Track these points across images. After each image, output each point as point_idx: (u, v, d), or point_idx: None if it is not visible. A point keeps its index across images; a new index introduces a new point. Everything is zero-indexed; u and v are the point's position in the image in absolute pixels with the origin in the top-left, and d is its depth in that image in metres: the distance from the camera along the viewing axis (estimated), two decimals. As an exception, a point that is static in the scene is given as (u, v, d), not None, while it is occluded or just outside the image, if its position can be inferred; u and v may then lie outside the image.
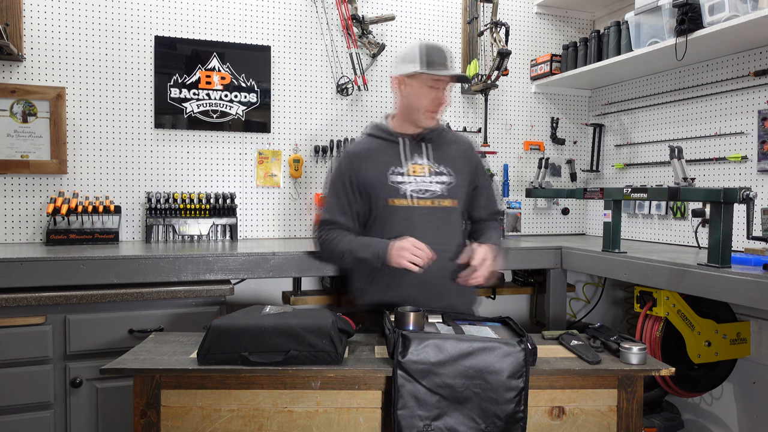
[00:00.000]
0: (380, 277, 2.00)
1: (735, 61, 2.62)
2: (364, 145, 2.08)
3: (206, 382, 1.52)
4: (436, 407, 1.47)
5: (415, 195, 1.98)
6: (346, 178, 2.03)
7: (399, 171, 2.00)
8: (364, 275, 2.05)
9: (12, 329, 2.01)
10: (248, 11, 2.94)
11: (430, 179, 2.00)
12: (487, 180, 2.15)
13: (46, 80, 2.63)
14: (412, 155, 2.02)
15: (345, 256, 1.97)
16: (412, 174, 2.00)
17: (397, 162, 2.00)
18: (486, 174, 2.16)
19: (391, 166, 2.00)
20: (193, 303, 2.23)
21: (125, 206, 2.76)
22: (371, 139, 2.09)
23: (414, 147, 2.03)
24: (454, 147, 2.09)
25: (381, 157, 2.02)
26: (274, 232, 3.02)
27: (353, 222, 2.05)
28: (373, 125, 2.13)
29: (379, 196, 1.99)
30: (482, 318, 1.87)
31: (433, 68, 1.93)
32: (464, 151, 2.11)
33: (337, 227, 2.04)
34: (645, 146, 3.15)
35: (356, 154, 2.05)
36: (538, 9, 3.45)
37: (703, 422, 2.76)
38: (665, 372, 1.57)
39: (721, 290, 1.93)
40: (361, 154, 2.04)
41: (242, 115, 2.92)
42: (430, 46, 1.98)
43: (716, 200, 1.99)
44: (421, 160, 2.02)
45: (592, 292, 3.45)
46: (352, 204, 2.04)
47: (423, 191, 1.99)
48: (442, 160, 2.04)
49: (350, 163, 2.04)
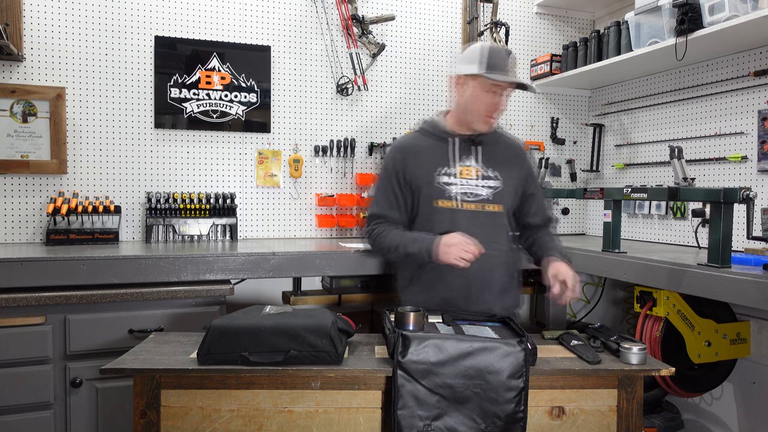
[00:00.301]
0: (423, 276, 1.97)
1: (735, 61, 2.62)
2: (414, 141, 2.03)
3: (206, 382, 1.52)
4: (436, 407, 1.47)
5: (462, 198, 1.93)
6: (395, 173, 1.98)
7: (447, 172, 1.95)
8: (408, 273, 2.02)
9: (12, 329, 2.01)
10: (248, 11, 2.94)
11: (478, 183, 1.95)
12: (537, 185, 2.07)
13: (46, 80, 2.63)
14: (461, 157, 1.96)
15: (393, 251, 1.93)
16: (461, 176, 1.94)
17: (445, 162, 1.95)
18: (536, 179, 2.08)
19: (440, 167, 1.95)
20: (193, 303, 2.23)
21: (125, 206, 2.76)
22: (422, 135, 2.02)
23: (464, 148, 1.97)
24: (506, 151, 2.02)
25: (430, 156, 1.97)
26: (274, 232, 3.01)
27: (402, 215, 2.01)
28: (426, 121, 2.07)
29: (425, 196, 1.95)
30: (483, 318, 1.87)
31: (494, 72, 1.85)
32: (517, 156, 2.03)
33: (386, 221, 2.00)
34: (645, 146, 3.15)
35: (405, 149, 2.00)
36: (538, 9, 3.45)
37: (703, 422, 2.76)
38: (665, 372, 1.57)
39: (721, 290, 1.93)
40: (410, 151, 1.99)
41: (242, 115, 2.92)
42: (493, 48, 1.89)
43: (716, 200, 1.99)
44: (471, 162, 1.96)
45: (592, 292, 3.45)
46: (400, 198, 2.00)
47: (470, 195, 1.94)
48: (491, 163, 1.97)
49: (399, 158, 2.00)
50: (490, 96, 1.88)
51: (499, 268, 1.98)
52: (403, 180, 1.98)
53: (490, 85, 1.86)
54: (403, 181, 1.98)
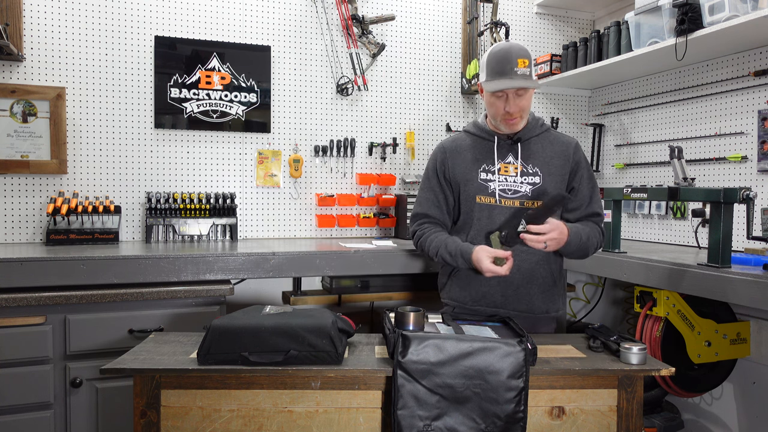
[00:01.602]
0: (461, 272, 2.01)
1: (735, 61, 2.62)
2: (458, 141, 2.08)
3: (206, 382, 1.52)
4: (436, 407, 1.47)
5: (501, 195, 1.96)
6: (440, 172, 2.04)
7: (489, 169, 1.98)
8: (447, 270, 2.07)
9: (12, 329, 2.01)
10: (248, 11, 2.94)
11: (519, 179, 1.96)
12: (587, 182, 2.03)
13: (46, 80, 2.63)
14: (504, 154, 1.99)
15: (438, 255, 1.98)
16: (502, 173, 1.97)
17: (488, 160, 1.99)
18: (589, 177, 2.04)
19: (483, 164, 1.99)
20: (193, 303, 2.23)
21: (125, 206, 2.76)
22: (466, 135, 2.08)
23: (507, 146, 2.00)
24: (552, 147, 2.01)
25: (473, 154, 2.01)
26: (274, 232, 3.01)
27: (444, 214, 2.05)
28: (471, 123, 2.11)
29: (465, 193, 1.99)
30: (483, 318, 1.87)
31: (495, 78, 1.87)
32: (563, 152, 2.01)
33: (430, 221, 2.05)
34: (645, 146, 3.15)
35: (450, 149, 2.06)
36: (538, 9, 3.45)
37: (703, 422, 2.76)
38: (665, 372, 1.57)
39: (721, 290, 1.93)
40: (454, 150, 2.04)
41: (242, 115, 2.92)
42: (496, 53, 1.90)
43: (716, 200, 1.99)
44: (512, 159, 1.98)
45: (592, 292, 3.45)
46: (441, 197, 2.04)
47: (511, 191, 1.96)
48: (534, 160, 1.98)
49: (443, 157, 2.05)
50: (500, 101, 1.90)
51: (539, 266, 1.98)
52: (444, 179, 2.04)
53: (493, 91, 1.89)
54: (444, 179, 2.04)
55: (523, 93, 1.90)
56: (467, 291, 2.00)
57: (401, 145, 3.19)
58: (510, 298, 1.96)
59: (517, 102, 1.89)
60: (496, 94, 1.89)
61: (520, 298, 1.96)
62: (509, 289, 1.96)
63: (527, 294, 1.97)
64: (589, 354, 1.68)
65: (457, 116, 3.31)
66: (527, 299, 1.97)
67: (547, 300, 2.00)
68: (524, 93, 1.90)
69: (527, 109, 1.94)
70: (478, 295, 1.98)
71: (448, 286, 2.07)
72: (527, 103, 1.93)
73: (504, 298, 1.96)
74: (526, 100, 1.91)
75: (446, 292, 2.08)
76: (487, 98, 1.94)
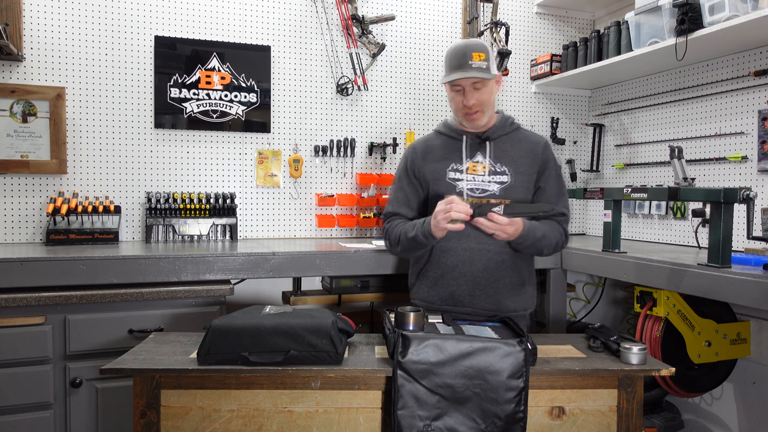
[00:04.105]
0: (429, 272, 2.01)
1: (735, 61, 2.62)
2: (429, 140, 2.10)
3: (206, 382, 1.52)
4: (436, 407, 1.47)
5: (469, 193, 1.97)
6: (410, 172, 2.06)
7: (458, 168, 1.99)
8: (416, 270, 2.08)
9: (12, 329, 2.01)
10: (248, 11, 2.94)
11: (488, 178, 1.98)
12: (554, 181, 2.04)
13: (46, 80, 2.63)
14: (473, 153, 2.00)
15: (400, 242, 1.98)
16: (471, 172, 1.99)
17: (457, 159, 2.00)
18: (557, 176, 2.05)
19: (452, 163, 2.00)
20: (193, 303, 2.23)
21: (125, 206, 2.76)
22: (437, 134, 2.10)
23: (476, 145, 2.01)
24: (521, 146, 2.02)
25: (441, 154, 2.03)
26: (274, 232, 3.01)
27: (415, 213, 2.07)
28: (442, 122, 2.13)
29: (434, 192, 2.00)
30: (482, 318, 1.87)
31: (451, 73, 1.92)
32: (531, 150, 2.02)
33: (399, 218, 2.06)
34: (645, 146, 3.15)
35: (420, 148, 2.08)
36: (538, 9, 3.45)
37: (703, 422, 2.76)
38: (665, 372, 1.57)
39: (721, 290, 1.93)
40: (424, 149, 2.07)
41: (242, 115, 2.92)
42: (451, 49, 1.95)
43: (716, 200, 1.98)
44: (481, 158, 2.00)
45: (592, 292, 3.45)
46: (412, 196, 2.06)
47: (479, 190, 1.97)
48: (503, 159, 1.99)
49: (414, 156, 2.08)
50: (458, 96, 1.95)
51: (506, 265, 1.98)
52: (415, 178, 2.05)
53: (452, 86, 1.94)
54: (415, 178, 2.05)
55: (480, 86, 1.92)
56: (435, 291, 2.01)
57: (401, 145, 3.19)
58: (478, 298, 1.97)
59: (475, 95, 1.92)
60: (454, 88, 1.94)
61: (487, 297, 1.97)
62: (477, 289, 1.97)
63: (495, 293, 1.97)
64: (589, 354, 1.68)
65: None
66: (495, 298, 1.98)
67: (516, 299, 2.01)
68: (482, 86, 1.92)
69: (487, 102, 1.95)
70: (446, 295, 1.98)
71: (416, 286, 2.07)
72: (486, 97, 1.94)
73: (472, 297, 1.97)
74: (484, 94, 1.93)
75: (415, 292, 2.08)
76: (449, 94, 1.99)
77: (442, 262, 1.99)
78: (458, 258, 1.96)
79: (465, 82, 1.91)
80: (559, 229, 2.01)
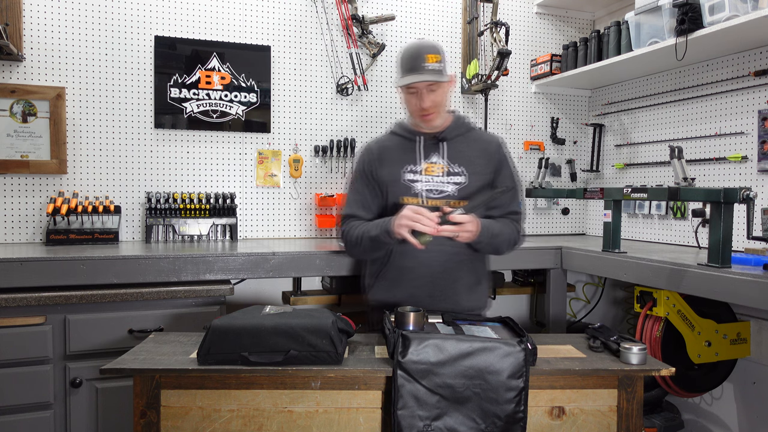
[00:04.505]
0: (387, 273, 2.01)
1: (735, 61, 2.62)
2: (384, 142, 2.10)
3: (206, 382, 1.52)
4: (436, 407, 1.47)
5: (427, 195, 1.96)
6: (366, 173, 2.05)
7: (414, 169, 1.98)
8: (373, 271, 2.06)
9: (12, 329, 2.01)
10: (248, 11, 2.94)
11: (443, 179, 1.98)
12: (509, 180, 2.04)
13: (46, 80, 2.63)
14: (428, 154, 2.00)
15: (359, 243, 1.95)
16: (427, 173, 1.98)
17: (412, 160, 1.99)
18: (511, 175, 2.06)
19: (407, 164, 1.99)
20: (193, 303, 2.23)
21: (125, 206, 2.76)
22: (392, 136, 2.09)
23: (431, 146, 2.01)
24: (476, 146, 2.03)
25: (398, 155, 2.02)
26: (274, 232, 3.01)
27: (372, 215, 2.05)
28: (397, 123, 2.13)
29: (391, 194, 1.99)
30: (482, 318, 1.87)
31: (405, 75, 1.91)
32: (486, 150, 2.03)
33: (356, 220, 2.04)
34: (645, 146, 3.15)
35: (376, 150, 2.07)
36: (538, 9, 3.45)
37: (703, 422, 2.76)
38: (665, 372, 1.57)
39: (721, 290, 1.93)
40: (379, 151, 2.06)
41: (242, 115, 2.92)
42: (405, 51, 1.95)
43: (716, 200, 1.99)
44: (437, 159, 2.00)
45: (592, 292, 3.45)
46: (368, 197, 2.05)
47: (435, 191, 1.97)
48: (458, 159, 2.00)
49: (370, 158, 2.06)
50: (412, 98, 1.94)
51: (464, 265, 2.00)
52: (371, 179, 2.04)
53: (406, 87, 1.93)
54: (371, 180, 2.04)
55: (435, 88, 1.92)
56: (393, 292, 1.99)
57: (401, 145, 3.19)
58: (437, 298, 1.97)
59: (430, 97, 1.91)
60: (409, 90, 1.93)
61: (446, 297, 1.98)
62: (436, 290, 1.97)
63: (453, 293, 1.98)
64: (589, 354, 1.68)
65: (457, 116, 3.31)
66: (453, 299, 1.98)
67: (473, 298, 2.03)
68: (437, 88, 1.92)
69: (441, 104, 1.96)
70: (405, 296, 1.97)
71: (374, 288, 2.05)
72: (441, 99, 1.95)
73: (431, 298, 1.97)
74: (439, 95, 1.93)
75: (372, 294, 2.06)
76: (403, 96, 1.98)
77: (401, 264, 1.97)
78: (417, 260, 1.96)
79: (420, 85, 1.90)
80: (514, 227, 2.03)
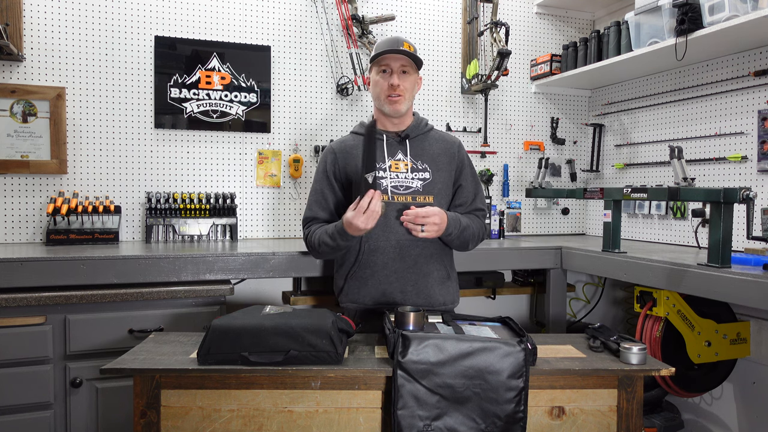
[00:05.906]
0: (358, 272, 2.02)
1: (735, 61, 2.62)
2: (347, 142, 2.13)
3: (206, 382, 1.52)
4: (436, 407, 1.47)
5: (395, 191, 2.00)
6: (330, 174, 2.08)
7: (380, 167, 2.01)
8: (343, 272, 2.07)
9: (12, 329, 2.01)
10: (248, 11, 2.94)
11: (408, 176, 2.02)
12: (471, 179, 2.13)
13: (46, 80, 2.63)
14: (393, 152, 2.05)
15: (321, 244, 1.97)
16: (393, 170, 2.02)
17: (378, 158, 2.01)
18: (473, 174, 2.14)
19: None
20: (193, 303, 2.23)
21: (125, 206, 2.76)
22: (354, 136, 2.13)
23: (395, 144, 2.06)
24: (438, 145, 2.11)
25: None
26: (275, 232, 3.01)
27: (333, 216, 2.07)
28: (359, 123, 2.18)
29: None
30: (482, 318, 1.87)
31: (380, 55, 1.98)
32: (448, 149, 2.11)
33: (317, 222, 2.06)
34: (645, 146, 3.15)
35: (339, 150, 2.10)
36: (538, 9, 3.45)
37: (703, 422, 2.76)
38: (665, 372, 1.57)
39: (721, 290, 1.93)
40: (343, 150, 2.09)
41: (242, 115, 2.92)
42: (384, 39, 2.04)
43: (716, 200, 1.99)
44: (402, 156, 2.05)
45: (592, 292, 3.45)
46: (331, 199, 2.07)
47: (402, 187, 2.01)
48: (422, 156, 2.06)
49: (334, 158, 2.09)
50: (385, 76, 2.00)
51: (434, 259, 2.03)
52: (335, 179, 2.07)
53: (380, 65, 1.99)
54: (335, 180, 2.07)
55: (408, 71, 2.00)
56: (365, 291, 2.00)
57: (401, 145, 3.19)
58: (409, 294, 1.99)
59: (402, 79, 1.98)
60: (381, 68, 1.99)
61: (418, 292, 2.00)
62: (408, 285, 1.99)
63: (425, 288, 2.01)
64: (589, 354, 1.68)
65: (457, 116, 3.31)
66: (426, 293, 2.01)
67: (444, 292, 2.06)
68: (408, 75, 2.01)
69: (409, 91, 2.03)
70: (377, 294, 1.99)
71: (345, 289, 2.05)
72: (410, 86, 2.02)
73: (403, 294, 1.99)
74: (409, 82, 2.01)
75: (345, 295, 2.06)
76: (373, 79, 2.03)
77: (372, 261, 1.99)
78: (387, 255, 1.98)
79: (394, 64, 1.97)
80: (479, 222, 2.10)
